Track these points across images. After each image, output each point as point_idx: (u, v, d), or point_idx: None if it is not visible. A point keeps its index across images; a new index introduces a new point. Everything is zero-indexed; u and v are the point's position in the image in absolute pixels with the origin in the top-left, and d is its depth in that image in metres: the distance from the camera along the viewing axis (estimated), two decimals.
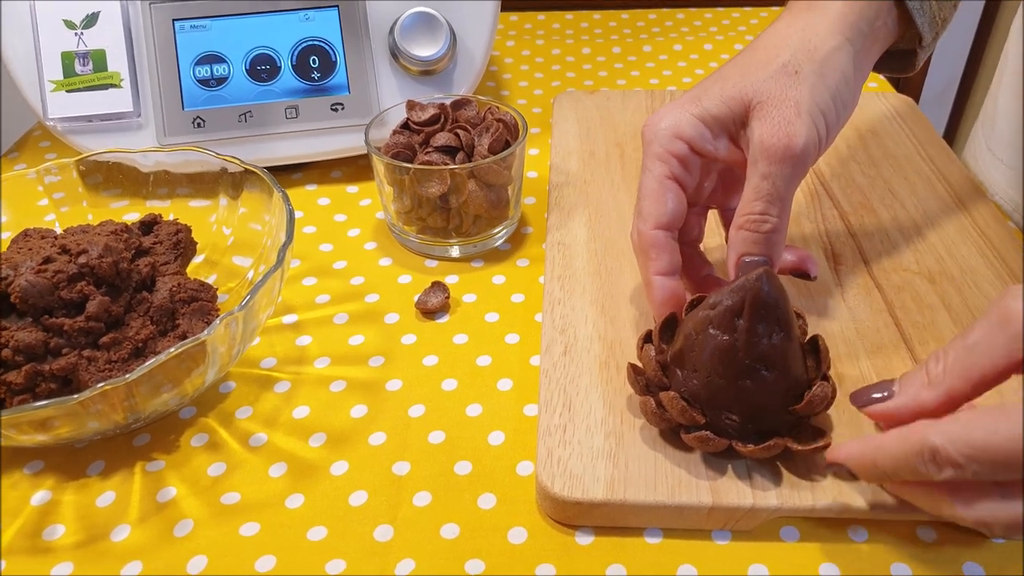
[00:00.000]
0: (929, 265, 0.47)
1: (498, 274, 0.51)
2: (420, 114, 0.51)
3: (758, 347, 0.34)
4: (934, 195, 0.53)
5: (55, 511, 0.37)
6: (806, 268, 0.41)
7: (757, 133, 0.37)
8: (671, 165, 0.39)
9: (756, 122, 0.38)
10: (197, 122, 0.57)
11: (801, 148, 0.37)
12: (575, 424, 0.38)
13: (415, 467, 0.39)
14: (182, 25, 0.57)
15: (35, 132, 0.68)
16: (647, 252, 0.39)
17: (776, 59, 0.38)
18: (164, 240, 0.45)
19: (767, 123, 0.37)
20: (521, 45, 0.79)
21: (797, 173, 0.37)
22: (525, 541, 0.35)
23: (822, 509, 0.34)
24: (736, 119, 0.39)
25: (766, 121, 0.37)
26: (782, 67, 0.38)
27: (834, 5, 0.39)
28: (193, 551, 0.35)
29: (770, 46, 0.39)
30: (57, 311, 0.39)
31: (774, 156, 0.37)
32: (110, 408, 0.36)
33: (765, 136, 0.37)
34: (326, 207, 0.57)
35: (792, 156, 0.37)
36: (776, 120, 0.37)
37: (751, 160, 0.38)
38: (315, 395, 0.43)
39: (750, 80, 0.38)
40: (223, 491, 0.38)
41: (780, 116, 0.37)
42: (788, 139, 0.37)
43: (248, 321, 0.39)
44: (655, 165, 0.39)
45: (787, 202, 0.38)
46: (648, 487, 0.35)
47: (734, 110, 0.38)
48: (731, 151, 0.40)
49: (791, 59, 0.38)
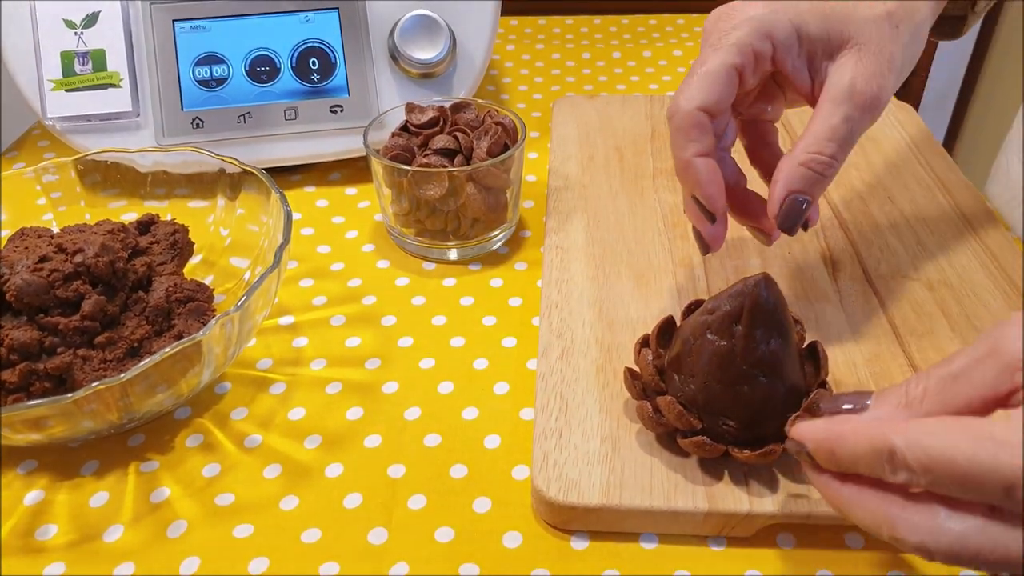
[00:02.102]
0: (928, 273, 0.47)
1: (496, 277, 0.51)
2: (419, 116, 0.51)
3: (756, 353, 0.34)
4: (933, 203, 0.53)
5: (48, 511, 0.37)
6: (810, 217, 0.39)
7: (850, 74, 0.36)
8: (746, 59, 0.37)
9: (852, 62, 0.36)
10: (196, 123, 0.56)
11: (884, 101, 0.36)
12: (571, 428, 0.38)
13: (410, 470, 0.38)
14: (182, 26, 0.57)
15: (34, 131, 0.68)
16: (688, 132, 0.37)
17: (881, 4, 0.37)
18: (161, 240, 0.45)
19: (864, 68, 0.36)
20: (521, 49, 0.79)
21: (869, 123, 0.37)
22: (520, 545, 0.35)
23: (819, 516, 0.34)
24: (828, 48, 0.37)
25: (863, 65, 0.36)
26: (887, 14, 0.37)
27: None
28: (186, 552, 0.35)
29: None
30: (52, 310, 0.39)
31: (862, 103, 0.36)
32: (104, 408, 0.36)
33: (858, 81, 0.36)
34: (324, 209, 0.57)
35: (877, 108, 0.36)
36: (872, 68, 0.36)
37: (833, 98, 0.36)
38: (311, 397, 0.43)
39: (855, 15, 0.37)
40: (217, 492, 0.38)
41: (877, 66, 0.36)
42: (879, 90, 0.36)
43: (244, 322, 0.39)
44: (731, 51, 0.36)
45: (850, 150, 0.37)
46: (644, 492, 0.35)
47: (832, 38, 0.37)
48: (800, 72, 0.38)
49: (895, 10, 0.37)
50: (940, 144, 0.60)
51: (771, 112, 0.41)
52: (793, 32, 0.37)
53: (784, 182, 0.37)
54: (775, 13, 0.37)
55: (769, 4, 0.38)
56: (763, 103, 0.41)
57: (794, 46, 0.37)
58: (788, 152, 0.37)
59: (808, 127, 0.37)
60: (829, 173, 0.36)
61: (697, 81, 0.37)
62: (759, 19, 0.37)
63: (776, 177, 0.37)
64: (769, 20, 0.37)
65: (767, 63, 0.37)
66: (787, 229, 0.37)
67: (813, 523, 0.35)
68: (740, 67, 0.37)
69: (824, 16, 0.37)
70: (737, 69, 0.37)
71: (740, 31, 0.37)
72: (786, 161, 0.37)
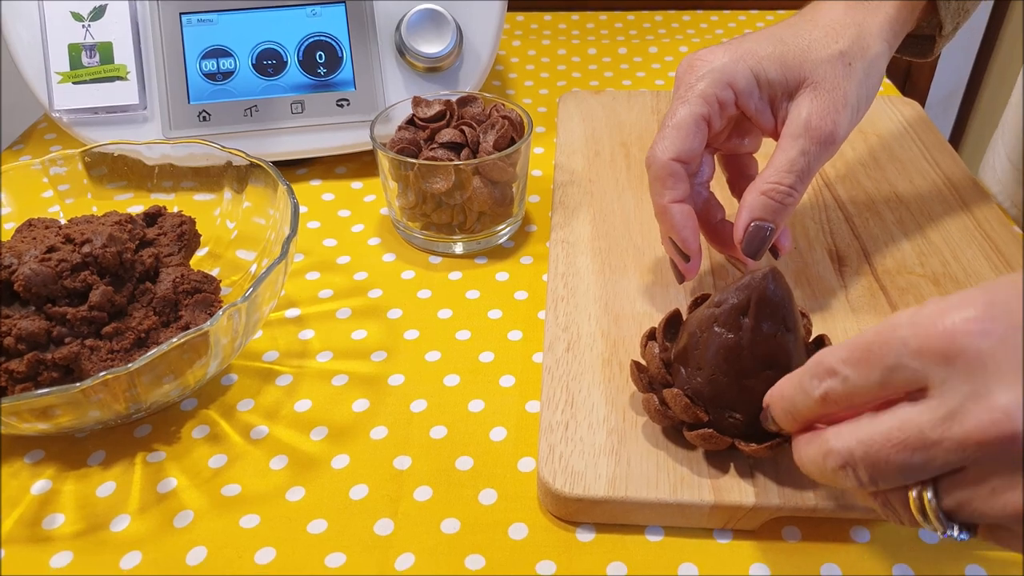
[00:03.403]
0: (933, 268, 0.47)
1: (502, 271, 0.51)
2: (426, 110, 0.51)
3: (763, 346, 0.34)
4: (939, 198, 0.53)
5: (55, 500, 0.37)
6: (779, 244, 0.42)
7: (806, 112, 0.39)
8: (711, 108, 0.40)
9: (807, 100, 0.39)
10: (203, 115, 0.57)
11: (841, 136, 0.39)
12: (577, 421, 0.38)
13: (416, 462, 0.39)
14: (189, 19, 0.57)
15: (41, 124, 0.68)
16: (665, 180, 0.40)
17: (835, 44, 0.40)
18: (168, 232, 0.45)
19: (818, 105, 0.39)
20: (527, 45, 0.79)
21: (827, 157, 0.40)
22: (526, 537, 0.35)
23: (824, 509, 0.34)
24: (787, 89, 0.40)
25: (817, 103, 0.39)
26: (840, 54, 0.40)
27: (885, 5, 0.41)
28: (193, 542, 0.35)
29: (828, 27, 0.41)
30: (60, 300, 0.39)
31: (817, 137, 0.39)
32: (112, 398, 0.36)
33: (814, 117, 0.39)
34: (330, 202, 0.57)
35: (833, 142, 0.39)
36: (827, 105, 0.39)
37: (791, 133, 0.39)
38: (317, 389, 0.43)
39: (810, 57, 0.39)
40: (223, 483, 0.38)
41: (831, 102, 0.39)
42: (834, 125, 0.39)
43: (251, 313, 0.39)
44: (697, 102, 0.40)
45: (810, 181, 0.40)
46: (650, 484, 0.35)
47: (789, 81, 0.40)
48: (764, 113, 0.41)
49: (848, 50, 0.40)
50: (946, 141, 0.60)
51: (748, 144, 0.44)
52: (752, 79, 0.40)
53: (747, 210, 0.40)
54: (736, 63, 0.40)
55: (731, 52, 0.40)
56: (738, 138, 0.44)
57: (754, 91, 0.40)
58: (752, 182, 0.40)
59: (770, 160, 0.40)
60: (789, 202, 0.39)
61: (669, 132, 0.40)
62: (720, 69, 0.40)
63: (741, 206, 0.40)
64: (730, 70, 0.40)
65: (731, 108, 0.41)
66: (751, 254, 0.40)
67: (819, 516, 0.35)
68: (707, 116, 0.40)
69: (782, 61, 0.40)
70: (704, 118, 0.40)
71: (703, 82, 0.40)
72: (749, 191, 0.40)
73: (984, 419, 0.23)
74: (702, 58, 0.41)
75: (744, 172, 0.45)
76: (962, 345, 0.24)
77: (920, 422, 0.25)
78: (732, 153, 0.45)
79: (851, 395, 0.27)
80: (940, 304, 0.25)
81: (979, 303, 0.24)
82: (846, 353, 0.27)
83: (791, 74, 0.39)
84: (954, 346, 0.24)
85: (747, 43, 0.41)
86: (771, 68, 0.40)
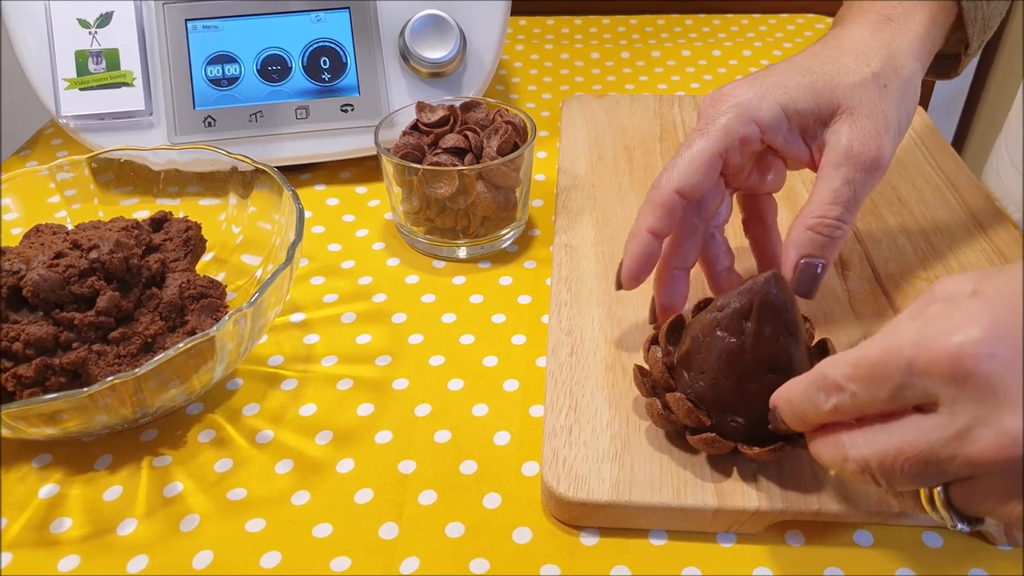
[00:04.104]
0: (937, 272, 0.47)
1: (505, 275, 0.51)
2: (429, 116, 0.51)
3: (765, 350, 0.34)
4: (942, 202, 0.53)
5: (62, 504, 0.38)
6: None
7: (846, 138, 0.37)
8: (730, 143, 0.38)
9: (846, 127, 0.37)
10: (208, 121, 0.57)
11: (886, 160, 0.37)
12: (581, 425, 0.38)
13: (421, 466, 0.39)
14: (194, 25, 0.57)
15: (47, 130, 0.68)
16: (655, 209, 0.39)
17: (866, 68, 0.38)
18: (174, 237, 0.45)
19: (858, 131, 0.37)
20: (530, 49, 0.80)
21: (873, 183, 0.38)
22: (530, 541, 0.35)
23: (827, 513, 0.34)
24: (819, 118, 0.38)
25: (858, 129, 0.37)
26: (873, 77, 0.38)
27: (913, 24, 0.40)
28: (199, 546, 0.36)
29: (857, 52, 0.39)
30: (68, 305, 0.39)
31: (862, 164, 0.37)
32: (118, 402, 0.36)
33: (855, 143, 0.37)
34: (335, 207, 0.57)
35: (879, 167, 0.37)
36: (867, 130, 0.37)
37: (832, 162, 0.37)
38: (322, 393, 0.43)
39: (841, 83, 0.38)
40: (229, 487, 0.38)
41: (872, 126, 0.37)
42: (878, 150, 0.37)
43: (256, 318, 0.39)
44: (715, 136, 0.38)
45: (857, 211, 0.38)
46: (653, 489, 0.35)
47: (821, 109, 0.38)
48: (795, 144, 0.39)
49: (881, 71, 0.38)
50: (949, 144, 0.60)
51: (771, 182, 0.42)
52: (780, 112, 0.38)
53: (794, 247, 0.38)
54: (761, 97, 0.38)
55: (757, 86, 0.39)
56: (760, 174, 0.41)
57: (782, 124, 0.38)
58: (796, 217, 0.38)
59: (812, 192, 0.38)
60: (838, 235, 0.37)
61: (679, 163, 0.38)
62: (744, 104, 0.38)
63: (786, 243, 0.38)
64: (755, 105, 0.38)
65: (755, 143, 0.39)
66: (803, 293, 0.38)
67: (822, 520, 0.35)
68: (723, 152, 0.38)
69: (812, 90, 0.38)
70: (720, 154, 0.38)
71: (725, 117, 0.38)
72: (795, 227, 0.38)
73: (993, 442, 0.24)
74: (727, 93, 0.39)
75: (762, 217, 0.43)
76: (970, 368, 0.24)
77: (931, 439, 0.26)
78: (752, 192, 0.43)
79: (861, 408, 0.28)
80: (944, 321, 0.25)
81: (983, 320, 0.25)
82: (851, 370, 0.27)
83: (823, 102, 0.38)
84: (962, 369, 0.24)
85: (773, 75, 0.39)
86: (801, 98, 0.38)
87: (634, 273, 0.39)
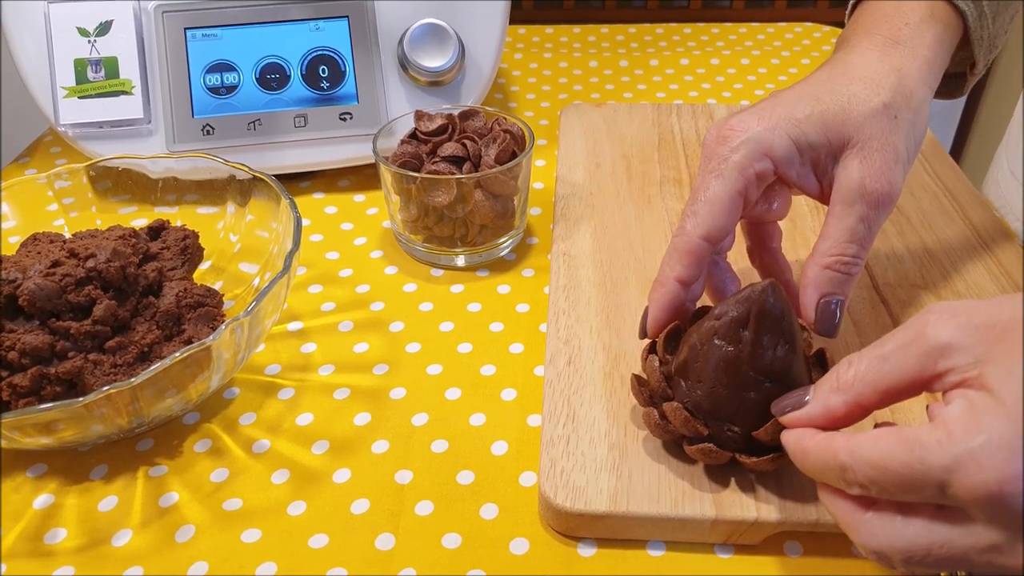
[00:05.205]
0: (935, 280, 0.47)
1: (503, 284, 0.51)
2: (428, 124, 0.51)
3: (763, 359, 0.34)
4: (940, 211, 0.53)
5: (57, 515, 0.37)
6: None
7: (858, 175, 0.36)
8: (748, 181, 0.37)
9: (857, 163, 0.37)
10: (206, 129, 0.57)
11: (897, 194, 0.37)
12: (578, 435, 0.38)
13: (417, 476, 0.39)
14: (193, 34, 0.57)
15: (46, 137, 0.69)
16: (683, 257, 0.37)
17: (876, 97, 0.37)
18: (171, 246, 0.45)
19: (870, 166, 0.36)
20: (529, 58, 0.80)
21: (886, 217, 0.37)
22: (527, 552, 0.35)
23: (826, 524, 0.34)
24: (830, 151, 0.37)
25: (869, 164, 0.36)
26: (883, 107, 0.37)
27: (922, 48, 0.39)
28: (194, 557, 0.35)
29: (867, 79, 0.38)
30: (64, 314, 0.39)
31: (875, 201, 0.36)
32: (114, 412, 0.36)
33: (867, 180, 0.36)
34: (333, 215, 0.57)
35: (891, 202, 0.37)
36: (879, 165, 0.36)
37: (844, 200, 0.37)
38: (319, 402, 0.43)
39: (852, 114, 0.37)
40: (225, 497, 0.38)
41: (882, 161, 0.36)
42: (890, 186, 0.36)
43: (253, 327, 0.39)
44: (733, 177, 0.37)
45: (871, 244, 0.38)
46: (651, 499, 0.35)
47: (832, 142, 0.37)
48: (807, 178, 0.38)
49: (891, 101, 0.37)
50: (947, 153, 0.60)
51: (777, 210, 0.41)
52: (792, 146, 0.37)
53: (813, 287, 0.37)
54: (772, 131, 0.37)
55: (765, 119, 0.37)
56: (767, 203, 0.40)
57: (795, 158, 0.37)
58: (810, 255, 0.38)
59: (825, 229, 0.37)
60: (855, 271, 0.37)
61: (702, 208, 0.37)
62: (756, 140, 0.37)
63: (804, 283, 0.38)
64: (767, 139, 0.37)
65: (770, 178, 0.38)
66: (826, 333, 0.37)
67: (821, 531, 0.35)
68: (743, 191, 0.37)
69: (822, 121, 0.37)
70: (740, 193, 0.37)
71: (738, 154, 0.37)
72: (810, 265, 0.37)
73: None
74: (733, 127, 0.37)
75: (767, 244, 0.42)
76: (1009, 501, 0.24)
77: (966, 547, 0.26)
78: (758, 221, 0.42)
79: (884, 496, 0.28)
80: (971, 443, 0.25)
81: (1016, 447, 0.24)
82: (875, 473, 0.27)
83: (833, 135, 0.37)
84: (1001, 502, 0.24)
85: (780, 107, 0.38)
86: (811, 131, 0.37)
87: (662, 324, 0.38)
